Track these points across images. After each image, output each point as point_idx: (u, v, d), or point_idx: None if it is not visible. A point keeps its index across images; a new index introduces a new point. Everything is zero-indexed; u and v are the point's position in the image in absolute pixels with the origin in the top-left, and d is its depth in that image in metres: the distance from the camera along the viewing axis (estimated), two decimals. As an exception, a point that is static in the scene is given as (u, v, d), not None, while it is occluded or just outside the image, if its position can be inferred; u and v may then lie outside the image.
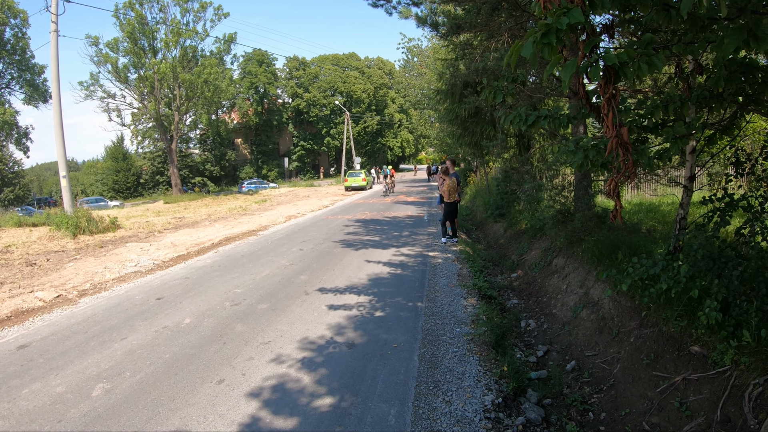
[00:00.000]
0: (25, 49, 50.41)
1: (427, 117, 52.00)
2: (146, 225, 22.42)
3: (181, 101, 51.80)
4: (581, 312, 7.51)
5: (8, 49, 49.06)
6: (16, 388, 5.76)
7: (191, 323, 7.87)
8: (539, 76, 11.64)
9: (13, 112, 50.79)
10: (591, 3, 2.97)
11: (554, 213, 10.92)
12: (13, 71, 51.20)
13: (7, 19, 47.67)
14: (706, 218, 5.71)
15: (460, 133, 15.93)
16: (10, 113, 50.07)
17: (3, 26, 47.63)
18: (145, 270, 12.37)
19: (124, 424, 4.84)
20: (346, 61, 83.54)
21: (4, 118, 49.08)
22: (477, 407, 5.12)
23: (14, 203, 52.09)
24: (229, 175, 72.05)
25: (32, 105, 52.08)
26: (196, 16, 52.03)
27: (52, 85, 21.73)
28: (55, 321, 8.45)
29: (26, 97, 51.36)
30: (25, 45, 50.43)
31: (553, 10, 2.86)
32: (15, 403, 5.38)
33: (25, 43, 50.42)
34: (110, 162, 68.06)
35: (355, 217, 22.97)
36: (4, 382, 5.97)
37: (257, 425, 4.78)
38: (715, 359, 4.59)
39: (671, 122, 4.74)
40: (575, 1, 2.84)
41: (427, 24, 11.95)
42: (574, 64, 3.03)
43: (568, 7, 2.80)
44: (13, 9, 48.07)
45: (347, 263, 12.07)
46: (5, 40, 48.70)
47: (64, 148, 20.80)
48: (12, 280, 11.49)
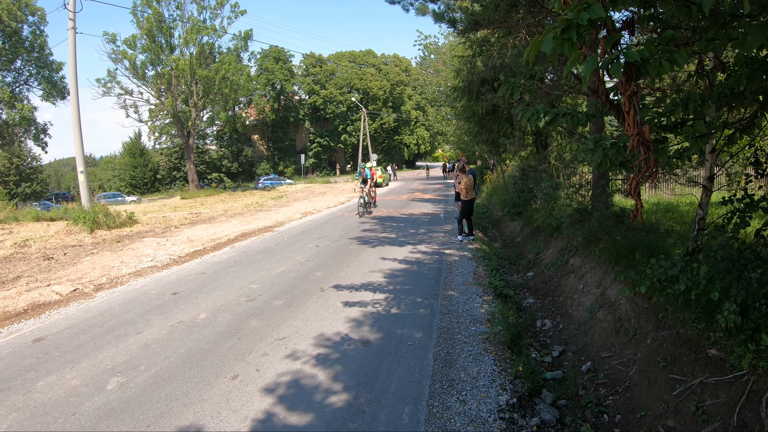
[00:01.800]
0: (43, 46, 50.80)
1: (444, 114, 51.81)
2: (163, 220, 22.57)
3: (198, 98, 52.04)
4: (598, 312, 7.44)
5: (26, 47, 49.46)
6: (32, 381, 5.81)
7: (206, 318, 7.90)
8: (557, 73, 11.55)
9: (32, 108, 51.21)
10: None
11: (571, 212, 10.84)
12: (31, 68, 51.61)
13: (24, 16, 48.06)
14: (726, 219, 5.62)
15: (477, 130, 15.84)
16: (29, 109, 50.51)
17: (21, 24, 48.00)
18: (161, 265, 12.44)
19: (138, 418, 4.86)
20: (363, 58, 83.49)
21: (22, 114, 49.54)
22: (491, 407, 5.10)
23: (32, 198, 52.60)
24: (245, 171, 72.28)
25: (50, 101, 52.48)
26: (213, 13, 52.22)
27: (69, 81, 21.89)
28: (71, 315, 8.52)
29: (44, 93, 51.76)
30: (43, 42, 50.82)
31: (574, 6, 2.82)
32: (30, 396, 5.43)
33: (43, 41, 50.81)
34: (127, 158, 68.64)
35: (371, 214, 22.97)
36: (20, 374, 6.02)
37: (271, 421, 4.78)
38: (733, 363, 4.52)
39: (691, 121, 4.67)
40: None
41: (445, 20, 11.88)
42: (595, 60, 2.99)
43: (589, 3, 2.76)
44: (30, 7, 48.42)
45: (363, 260, 12.07)
46: (23, 38, 49.08)
47: (81, 143, 20.95)
48: (29, 273, 11.60)
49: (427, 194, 34.66)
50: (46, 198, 53.56)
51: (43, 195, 56.45)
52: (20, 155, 55.52)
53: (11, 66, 50.24)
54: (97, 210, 19.21)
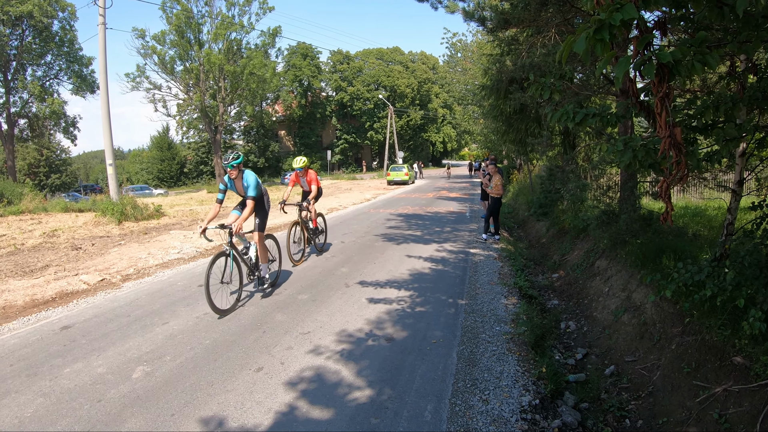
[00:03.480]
0: (73, 41, 51.62)
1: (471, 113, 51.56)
2: (189, 213, 22.79)
3: (225, 93, 52.49)
4: (622, 316, 7.38)
5: (57, 41, 50.25)
6: (59, 367, 5.92)
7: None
8: (586, 73, 11.47)
9: (62, 102, 52.06)
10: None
11: (598, 213, 10.75)
12: (61, 63, 52.48)
13: (55, 12, 48.80)
14: (755, 224, 5.55)
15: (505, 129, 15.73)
16: (59, 103, 51.36)
17: (51, 19, 48.77)
18: (187, 257, 12.58)
19: (163, 407, 4.93)
20: (390, 56, 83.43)
21: (52, 108, 50.38)
22: (514, 407, 5.08)
23: (61, 189, 53.55)
24: (272, 166, 72.57)
25: (80, 95, 53.33)
26: (242, 10, 52.69)
27: (99, 76, 22.30)
28: (98, 304, 8.66)
29: (74, 87, 52.62)
30: (73, 37, 51.63)
31: (606, 6, 2.81)
32: (56, 382, 5.53)
33: (73, 36, 51.62)
34: (155, 151, 69.42)
35: (396, 211, 23.01)
36: (47, 360, 6.14)
37: (294, 414, 4.82)
38: (758, 371, 4.45)
39: (722, 123, 4.62)
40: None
41: (474, 18, 11.85)
42: (628, 61, 2.98)
43: (622, 3, 2.75)
44: (61, 2, 49.17)
45: (388, 257, 12.09)
46: (54, 33, 49.91)
47: (110, 137, 21.28)
48: (58, 263, 11.80)
49: (453, 192, 34.59)
50: (74, 189, 54.36)
51: (72, 186, 57.42)
52: (50, 147, 56.52)
53: (42, 60, 51.16)
54: (125, 202, 19.50)
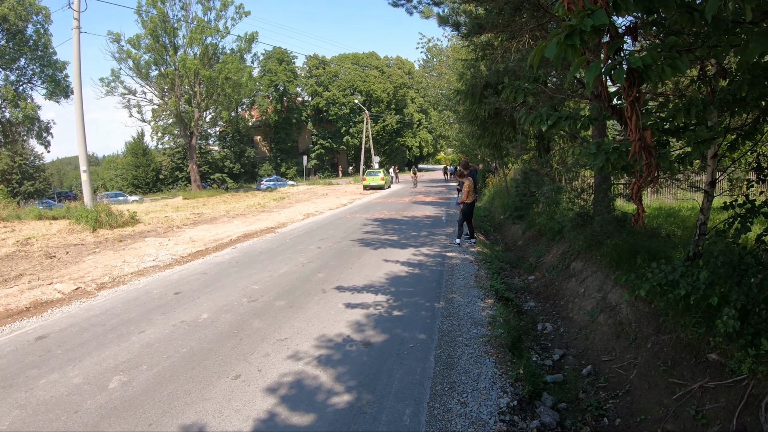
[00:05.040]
0: (47, 45, 51.00)
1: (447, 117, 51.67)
2: (165, 220, 22.60)
3: (201, 98, 52.14)
4: (598, 316, 7.46)
5: (30, 45, 49.65)
6: (34, 378, 5.84)
7: (208, 318, 7.93)
8: (560, 77, 11.58)
9: (35, 106, 51.38)
10: (615, 5, 2.94)
11: (573, 216, 10.86)
12: (35, 67, 51.82)
13: (29, 15, 48.22)
14: (727, 224, 5.64)
15: (480, 133, 15.83)
16: (32, 108, 50.67)
17: (25, 23, 48.19)
18: (163, 265, 12.47)
19: (140, 417, 4.89)
20: (366, 60, 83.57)
21: (25, 112, 49.70)
22: (492, 409, 5.12)
23: (35, 196, 52.69)
24: (248, 172, 72.28)
25: (54, 100, 52.66)
26: (218, 15, 52.36)
27: (73, 80, 21.99)
28: (73, 313, 8.56)
29: (48, 92, 51.93)
30: (47, 41, 51.01)
31: (578, 12, 2.85)
32: (32, 393, 5.46)
33: (47, 40, 50.99)
34: (130, 157, 68.68)
35: (373, 216, 23.02)
36: (23, 372, 6.05)
37: (273, 421, 4.81)
38: (733, 368, 4.53)
39: (693, 126, 4.70)
40: (599, 3, 2.82)
41: (449, 24, 11.93)
42: (599, 66, 3.02)
43: (593, 9, 2.79)
44: (35, 6, 48.60)
45: (365, 262, 12.09)
46: (27, 36, 49.30)
47: (84, 142, 21.02)
48: (32, 271, 11.63)
49: (429, 197, 34.68)
50: (48, 197, 53.66)
51: (46, 193, 56.57)
52: (23, 154, 55.62)
53: (15, 64, 50.42)
54: (99, 209, 19.25)
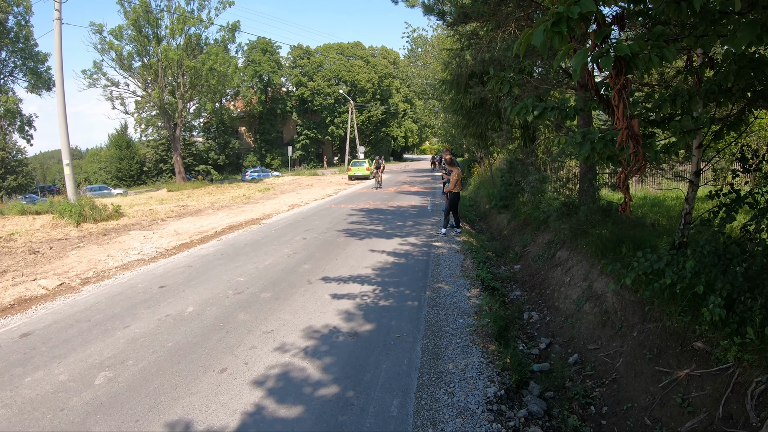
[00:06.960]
0: (28, 37, 50.19)
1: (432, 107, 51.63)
2: (149, 213, 22.43)
3: (185, 89, 51.69)
4: (584, 305, 7.49)
5: (11, 37, 48.83)
6: (19, 377, 5.77)
7: (194, 312, 7.88)
8: (546, 67, 11.57)
9: (17, 100, 50.57)
10: (602, -7, 2.93)
11: (559, 205, 10.88)
12: (16, 59, 50.99)
13: (9, 7, 47.47)
14: (712, 214, 5.68)
15: (465, 123, 15.82)
16: (14, 101, 49.90)
17: (6, 14, 47.47)
18: (148, 258, 12.37)
19: (127, 413, 4.84)
20: (351, 50, 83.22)
21: (7, 106, 48.97)
22: (479, 399, 5.12)
23: (17, 191, 52.07)
24: (232, 163, 71.84)
25: (36, 93, 51.89)
26: (201, 4, 51.81)
27: (55, 73, 21.78)
28: (58, 309, 8.46)
29: (30, 85, 51.16)
30: (29, 33, 50.19)
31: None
32: (18, 392, 5.39)
33: (29, 31, 50.18)
34: (114, 150, 67.95)
35: (358, 206, 22.99)
36: (7, 370, 5.98)
37: (260, 414, 4.79)
38: (719, 356, 4.56)
39: (679, 116, 4.70)
40: (587, -9, 2.80)
41: (434, 12, 11.87)
42: (585, 53, 3.00)
43: (580, -3, 2.76)
44: (15, -3, 47.95)
45: (351, 252, 12.07)
46: (8, 28, 48.53)
47: (67, 136, 20.83)
48: (15, 268, 11.50)
49: (415, 186, 34.66)
50: (31, 191, 52.98)
51: (29, 188, 55.85)
52: (5, 148, 54.85)
53: (-5, 58, 49.73)
54: (83, 203, 19.06)
